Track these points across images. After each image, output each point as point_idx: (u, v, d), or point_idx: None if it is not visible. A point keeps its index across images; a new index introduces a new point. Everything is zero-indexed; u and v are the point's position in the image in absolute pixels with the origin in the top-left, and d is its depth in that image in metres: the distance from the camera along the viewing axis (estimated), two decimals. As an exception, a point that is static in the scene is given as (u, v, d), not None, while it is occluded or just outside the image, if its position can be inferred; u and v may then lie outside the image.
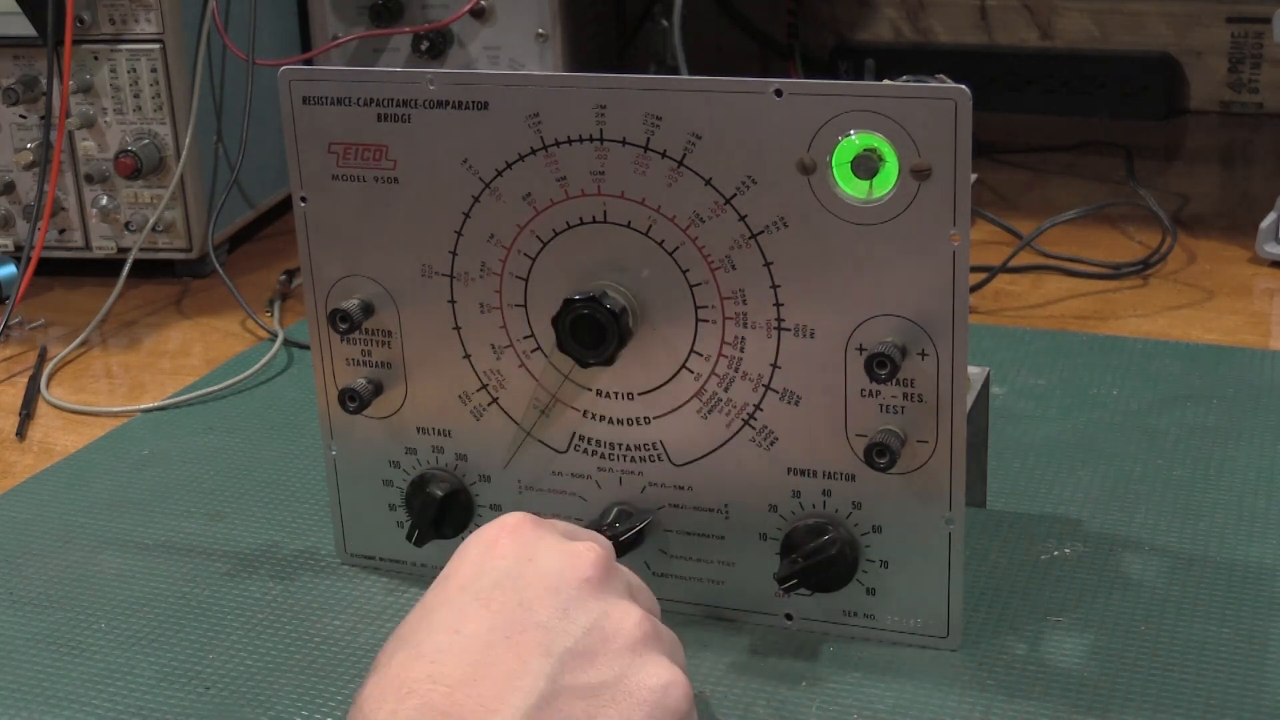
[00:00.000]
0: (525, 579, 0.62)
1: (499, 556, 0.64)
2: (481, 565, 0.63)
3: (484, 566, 0.63)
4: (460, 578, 0.63)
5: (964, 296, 0.68)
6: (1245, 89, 1.68)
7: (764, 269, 0.70)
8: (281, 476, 0.95)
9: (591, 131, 0.71)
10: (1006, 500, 0.87)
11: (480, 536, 0.65)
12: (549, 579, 0.62)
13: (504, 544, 0.64)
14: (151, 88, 1.25)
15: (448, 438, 0.79)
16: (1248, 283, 1.21)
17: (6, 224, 1.30)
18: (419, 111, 0.74)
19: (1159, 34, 1.69)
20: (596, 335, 0.72)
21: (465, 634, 0.60)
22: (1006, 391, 1.01)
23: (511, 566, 0.63)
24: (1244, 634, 0.73)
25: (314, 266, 0.79)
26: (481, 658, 0.59)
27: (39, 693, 0.74)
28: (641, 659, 0.61)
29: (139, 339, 1.21)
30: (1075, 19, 1.71)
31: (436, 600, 0.63)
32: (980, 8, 1.74)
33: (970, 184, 0.67)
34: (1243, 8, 1.66)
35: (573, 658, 0.60)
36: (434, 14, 1.41)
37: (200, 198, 1.29)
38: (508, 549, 0.64)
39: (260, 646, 0.77)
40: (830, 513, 0.73)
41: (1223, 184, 1.51)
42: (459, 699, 0.57)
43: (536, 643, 0.59)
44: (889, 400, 0.70)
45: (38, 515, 0.91)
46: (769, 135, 0.68)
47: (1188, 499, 0.86)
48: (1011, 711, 0.69)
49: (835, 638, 0.75)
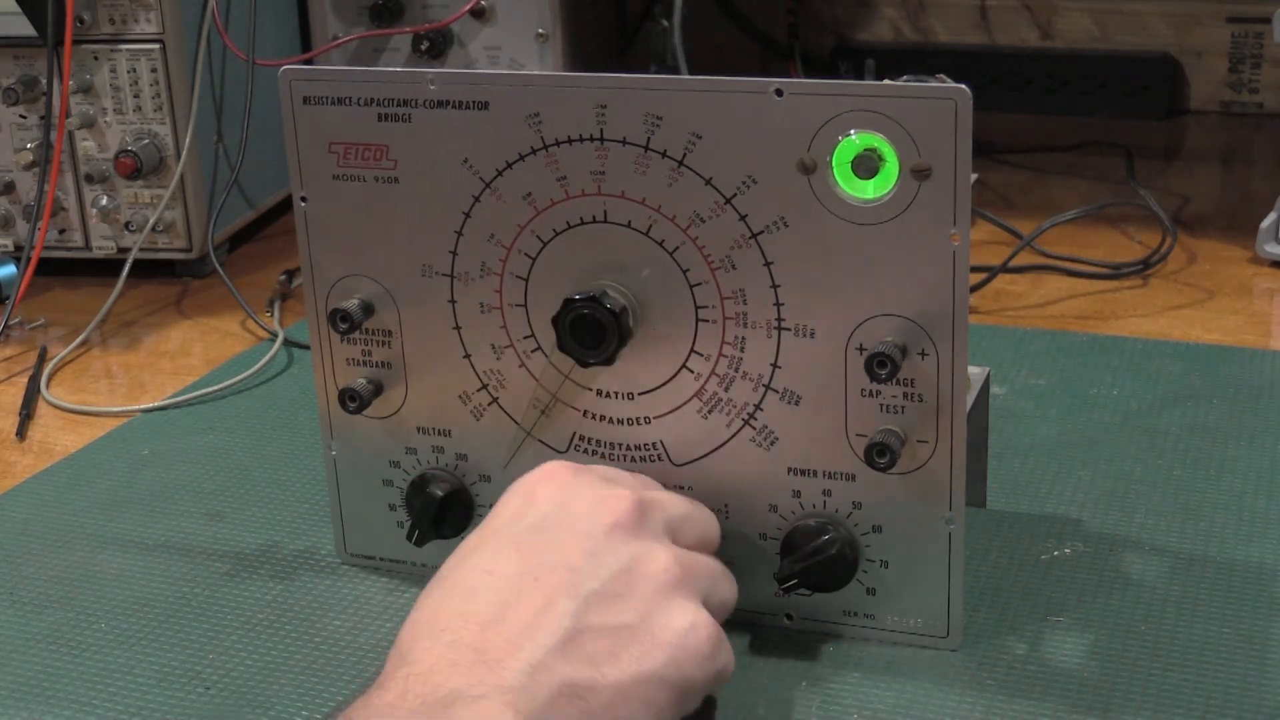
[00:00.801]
0: (558, 523, 0.66)
1: (536, 502, 0.68)
2: (519, 510, 0.68)
3: (521, 511, 0.68)
4: (498, 521, 0.68)
5: (964, 296, 0.68)
6: (1245, 89, 1.68)
7: (764, 269, 0.70)
8: (281, 476, 0.95)
9: (592, 131, 0.71)
10: (1006, 500, 0.87)
11: (521, 483, 0.70)
12: (581, 523, 0.66)
13: (541, 490, 0.68)
14: (151, 88, 1.25)
15: (448, 438, 0.79)
16: (1248, 283, 1.21)
17: (6, 224, 1.30)
18: (419, 111, 0.74)
19: (1159, 34, 1.69)
20: (596, 335, 0.72)
21: (497, 575, 0.63)
22: (1006, 391, 1.01)
23: (547, 511, 0.67)
24: (1244, 634, 0.73)
25: (314, 266, 0.79)
26: (511, 598, 0.62)
27: (39, 693, 0.74)
28: (668, 601, 0.64)
29: (139, 339, 1.21)
30: (1075, 19, 1.71)
31: (474, 542, 0.67)
32: (980, 8, 1.74)
33: (970, 184, 0.67)
34: (1243, 8, 1.66)
35: (598, 599, 0.63)
36: (434, 14, 1.41)
37: (200, 198, 1.29)
38: (544, 495, 0.68)
39: (260, 646, 0.77)
40: (830, 513, 0.73)
41: (1223, 184, 1.51)
42: (488, 636, 0.60)
43: (564, 583, 0.63)
44: (889, 400, 0.70)
45: (38, 515, 0.91)
46: (769, 135, 0.68)
47: (1188, 499, 0.86)
48: (1011, 711, 0.69)
49: (835, 638, 0.75)
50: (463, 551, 0.66)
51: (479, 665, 0.59)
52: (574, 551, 0.64)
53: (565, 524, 0.66)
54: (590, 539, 0.65)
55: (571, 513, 0.67)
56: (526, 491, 0.69)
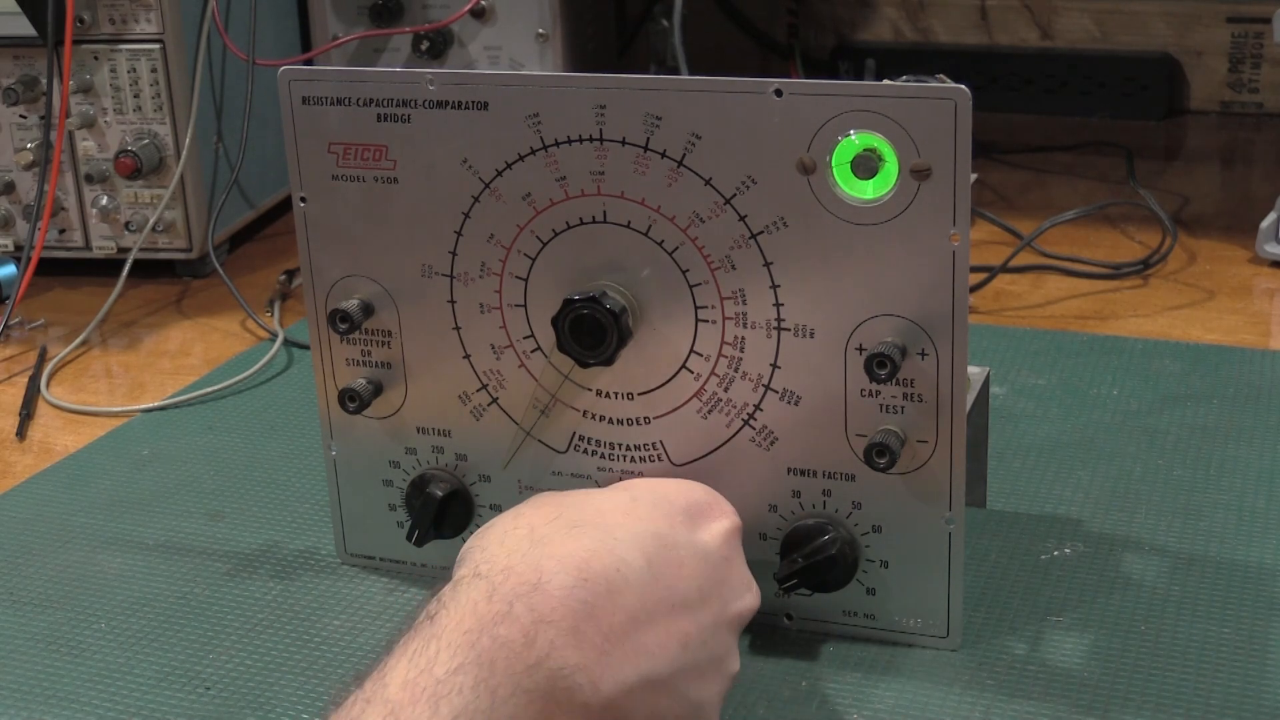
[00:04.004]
0: (712, 611, 0.65)
1: (686, 579, 0.65)
2: (671, 582, 0.65)
3: (673, 582, 0.65)
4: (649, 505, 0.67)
5: (964, 296, 0.68)
6: (1245, 89, 1.68)
7: (764, 269, 0.70)
8: (281, 476, 0.95)
9: (591, 131, 0.71)
10: (1006, 500, 0.87)
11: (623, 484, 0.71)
12: (728, 617, 0.66)
13: (693, 568, 0.66)
14: (151, 88, 1.25)
15: (448, 438, 0.79)
16: (1248, 283, 1.21)
17: (6, 224, 1.30)
18: (419, 111, 0.74)
19: (1159, 34, 1.69)
20: (596, 335, 0.72)
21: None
22: (1006, 391, 1.01)
23: (699, 599, 0.65)
24: (1244, 634, 0.73)
25: (314, 266, 0.79)
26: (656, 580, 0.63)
27: (39, 693, 0.74)
28: (735, 639, 0.67)
29: (139, 339, 1.21)
30: (1075, 19, 1.71)
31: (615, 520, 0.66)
32: (980, 8, 1.74)
33: (970, 184, 0.67)
34: (1243, 8, 1.66)
35: (707, 631, 0.64)
36: (434, 14, 1.40)
37: (200, 198, 1.29)
38: (695, 574, 0.66)
39: (260, 646, 0.77)
40: (830, 513, 0.73)
41: (1223, 184, 1.51)
42: (630, 596, 0.61)
43: (682, 631, 0.63)
44: (889, 400, 0.70)
45: (38, 515, 0.91)
46: (769, 135, 0.68)
47: (1188, 499, 0.86)
48: (1011, 711, 0.69)
49: (835, 638, 0.75)
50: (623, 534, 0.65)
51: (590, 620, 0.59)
52: (695, 574, 0.65)
53: (717, 614, 0.66)
54: (708, 563, 0.66)
55: (724, 605, 0.66)
56: (681, 560, 0.66)
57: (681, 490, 0.70)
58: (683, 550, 0.65)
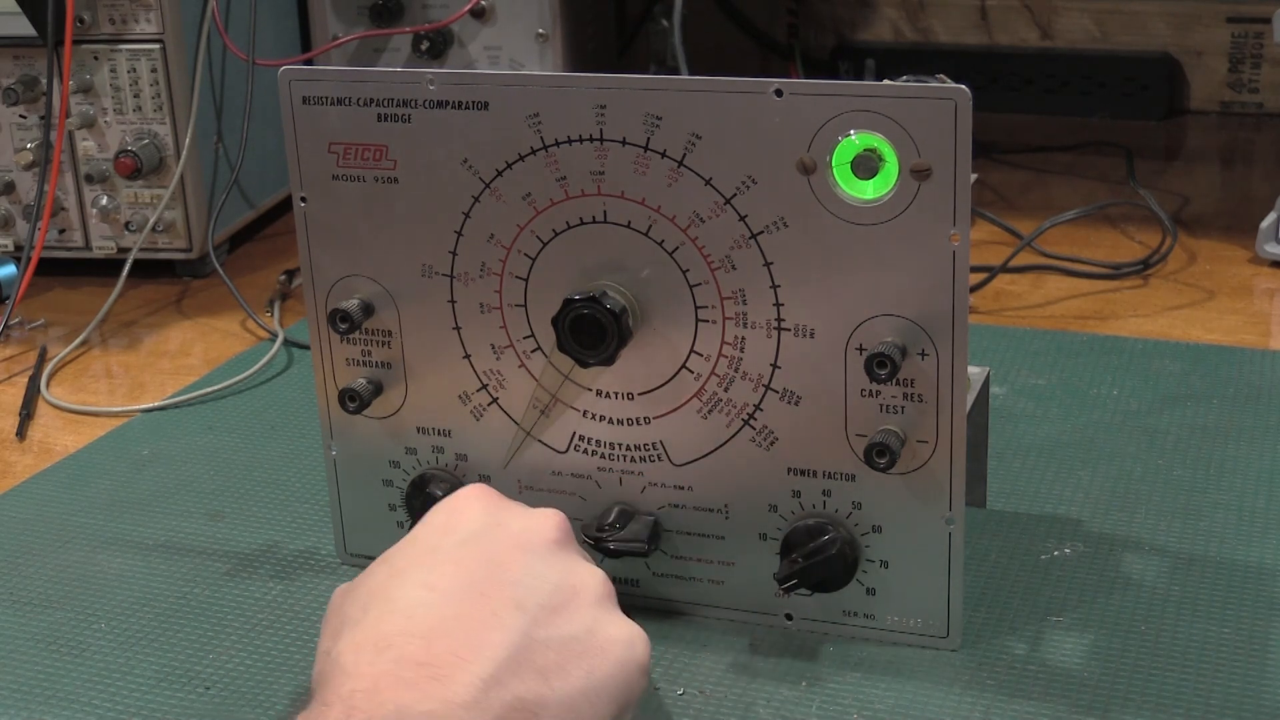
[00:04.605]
0: (495, 538, 0.65)
1: (466, 519, 0.67)
2: (449, 527, 0.67)
3: (451, 528, 0.66)
4: (428, 539, 0.66)
5: (964, 296, 0.68)
6: (1245, 89, 1.68)
7: (764, 269, 0.70)
8: (281, 476, 0.95)
9: (591, 131, 0.71)
10: (1006, 500, 0.87)
11: (444, 504, 0.69)
12: (518, 538, 0.66)
13: (470, 509, 0.68)
14: (151, 88, 1.25)
15: (448, 438, 0.79)
16: (1248, 283, 1.21)
17: (6, 224, 1.30)
18: (419, 111, 0.74)
19: (1159, 34, 1.69)
20: (596, 335, 0.72)
21: (439, 590, 0.62)
22: (1006, 391, 1.01)
23: (479, 528, 0.66)
24: (1244, 634, 0.73)
25: (314, 266, 0.79)
26: (456, 611, 0.61)
27: (39, 693, 0.74)
28: (607, 614, 0.64)
29: (139, 339, 1.21)
30: (1075, 19, 1.71)
31: (407, 561, 0.65)
32: (980, 8, 1.74)
33: (970, 184, 0.67)
34: (1243, 8, 1.66)
35: (543, 612, 0.62)
36: (434, 14, 1.41)
37: (200, 198, 1.29)
38: (475, 512, 0.67)
39: (260, 646, 0.77)
40: (830, 513, 0.73)
41: (1223, 184, 1.51)
42: (435, 650, 0.59)
43: (508, 598, 0.62)
44: (889, 400, 0.70)
45: (38, 515, 0.91)
46: (769, 135, 0.68)
47: (1188, 499, 0.86)
48: (1011, 711, 0.69)
49: (835, 638, 0.75)
50: (394, 569, 0.64)
51: (428, 681, 0.57)
52: (515, 565, 0.64)
53: (502, 539, 0.65)
54: (529, 553, 0.65)
55: (507, 529, 0.66)
56: (452, 510, 0.68)
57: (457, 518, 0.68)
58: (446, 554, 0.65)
